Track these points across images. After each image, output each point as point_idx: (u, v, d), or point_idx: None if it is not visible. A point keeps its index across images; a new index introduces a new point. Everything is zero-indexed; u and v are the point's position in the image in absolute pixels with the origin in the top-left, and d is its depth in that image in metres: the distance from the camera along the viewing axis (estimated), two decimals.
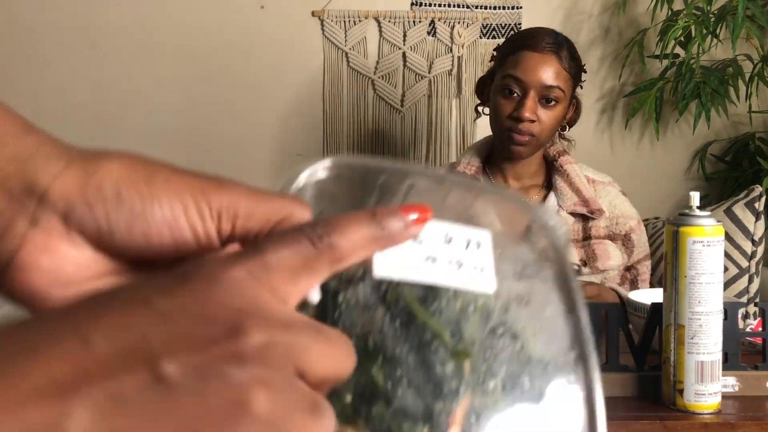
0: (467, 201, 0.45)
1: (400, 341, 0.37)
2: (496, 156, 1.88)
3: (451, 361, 0.37)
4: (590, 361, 0.40)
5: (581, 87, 1.86)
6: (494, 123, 1.81)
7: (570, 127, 1.90)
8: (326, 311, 0.37)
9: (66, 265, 0.35)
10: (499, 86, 1.78)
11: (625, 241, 1.82)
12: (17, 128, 0.36)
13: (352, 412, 0.36)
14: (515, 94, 1.75)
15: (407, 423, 0.36)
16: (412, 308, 0.38)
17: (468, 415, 0.37)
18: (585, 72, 1.86)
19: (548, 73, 1.74)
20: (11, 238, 0.35)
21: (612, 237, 1.82)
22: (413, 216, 0.36)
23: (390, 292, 0.38)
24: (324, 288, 0.37)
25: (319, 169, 0.42)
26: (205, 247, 0.36)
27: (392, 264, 0.38)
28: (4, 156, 0.35)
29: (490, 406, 0.37)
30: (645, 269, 1.85)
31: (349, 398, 0.35)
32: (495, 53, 1.88)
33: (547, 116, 1.75)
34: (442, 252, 0.40)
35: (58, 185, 0.34)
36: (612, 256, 1.79)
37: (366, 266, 0.38)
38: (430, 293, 0.38)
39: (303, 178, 0.41)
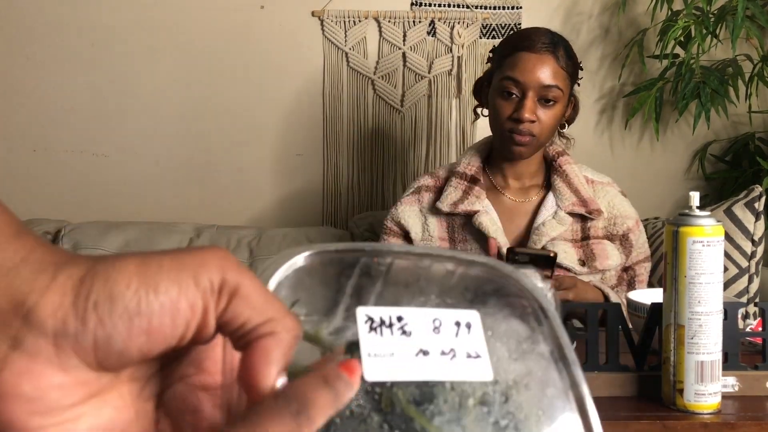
0: (449, 274, 0.43)
1: None
2: (496, 156, 1.88)
3: None
4: None
5: (578, 84, 1.87)
6: (494, 124, 1.81)
7: (569, 124, 1.90)
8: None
9: (50, 391, 0.32)
10: (497, 88, 1.78)
11: (623, 241, 1.82)
12: (7, 232, 0.33)
13: None
14: (514, 96, 1.75)
15: None
16: (409, 413, 0.36)
17: None
18: (581, 69, 1.87)
19: (546, 73, 1.74)
20: None
21: (610, 237, 1.82)
22: (351, 373, 0.35)
23: (384, 397, 0.36)
24: None
25: (300, 258, 0.40)
26: (201, 328, 0.34)
27: (383, 365, 0.36)
28: None
29: None
30: (643, 271, 1.85)
31: None
32: (491, 55, 1.89)
33: (546, 116, 1.75)
34: (432, 343, 0.38)
35: (47, 302, 0.32)
36: (610, 256, 1.79)
37: None
38: (426, 391, 0.37)
39: (283, 268, 0.39)
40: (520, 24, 2.69)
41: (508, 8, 2.70)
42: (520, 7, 2.71)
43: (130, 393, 0.35)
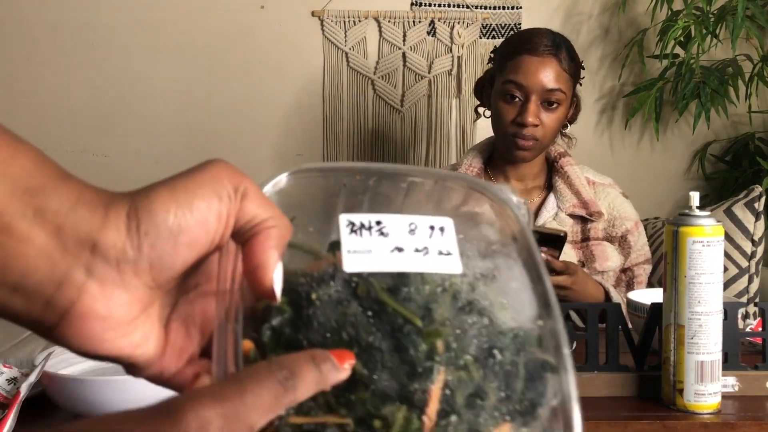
0: (430, 193, 0.47)
1: (373, 330, 0.39)
2: (498, 157, 1.87)
3: (423, 342, 0.39)
4: (558, 327, 0.41)
5: (580, 84, 1.86)
6: (497, 128, 1.80)
7: (571, 124, 1.90)
8: (301, 310, 0.40)
9: (118, 309, 0.39)
10: (500, 91, 1.77)
11: (622, 242, 1.81)
12: (55, 176, 0.38)
13: (334, 401, 0.38)
14: (517, 99, 1.74)
15: (387, 405, 0.37)
16: (382, 298, 0.40)
17: (444, 389, 0.38)
18: (583, 69, 1.86)
19: (549, 76, 1.73)
20: (69, 288, 0.38)
21: (609, 238, 1.81)
22: (340, 360, 0.38)
23: (360, 286, 0.40)
24: (296, 289, 0.40)
25: (283, 178, 0.44)
26: (224, 233, 0.40)
27: (361, 258, 0.41)
28: (51, 208, 0.37)
29: (465, 380, 0.39)
30: (642, 272, 1.84)
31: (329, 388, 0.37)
32: (492, 55, 1.88)
33: (550, 119, 1.74)
34: (407, 242, 0.42)
35: (107, 236, 0.38)
36: (610, 258, 1.78)
37: (336, 264, 0.41)
38: (399, 281, 0.41)
39: (268, 188, 0.44)
40: (520, 24, 2.69)
41: (508, 8, 2.70)
42: (520, 7, 2.71)
43: (160, 305, 0.42)
